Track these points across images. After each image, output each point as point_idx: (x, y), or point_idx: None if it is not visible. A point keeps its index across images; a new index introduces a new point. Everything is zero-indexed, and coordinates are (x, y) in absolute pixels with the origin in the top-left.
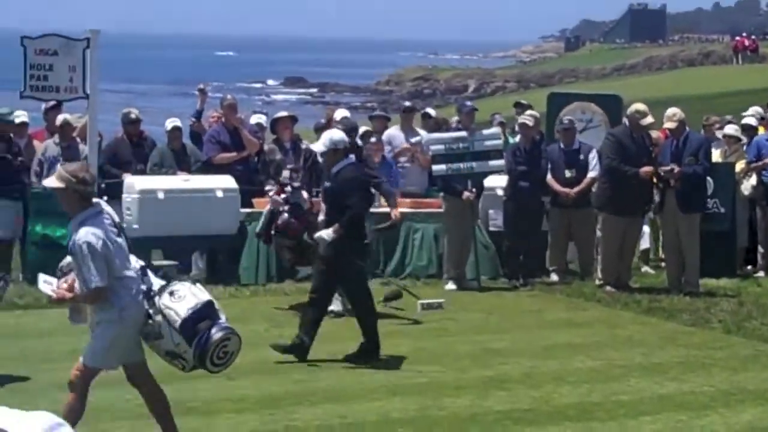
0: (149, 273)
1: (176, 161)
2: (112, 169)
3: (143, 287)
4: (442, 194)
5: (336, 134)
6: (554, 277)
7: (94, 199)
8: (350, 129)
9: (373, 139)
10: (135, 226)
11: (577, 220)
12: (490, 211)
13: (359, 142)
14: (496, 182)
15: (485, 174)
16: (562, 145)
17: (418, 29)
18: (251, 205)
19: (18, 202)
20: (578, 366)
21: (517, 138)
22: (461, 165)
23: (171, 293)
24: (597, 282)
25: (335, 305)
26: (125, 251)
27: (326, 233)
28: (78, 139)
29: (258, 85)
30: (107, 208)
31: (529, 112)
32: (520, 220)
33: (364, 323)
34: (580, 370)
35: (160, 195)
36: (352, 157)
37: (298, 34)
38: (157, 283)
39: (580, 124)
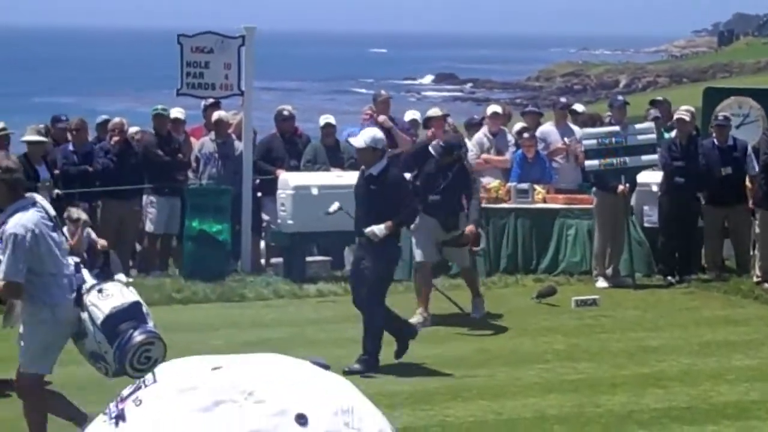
0: (83, 271)
1: (329, 157)
2: (266, 165)
3: (76, 285)
4: (593, 190)
5: (378, 133)
6: (710, 274)
7: (27, 193)
8: (455, 145)
9: (526, 135)
10: (289, 222)
11: (733, 216)
12: (645, 207)
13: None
14: (651, 178)
15: (638, 169)
16: (716, 142)
17: (568, 23)
18: None
19: (175, 198)
20: (736, 364)
21: (672, 133)
22: (614, 160)
23: (99, 291)
24: (755, 279)
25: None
26: (60, 247)
27: (378, 228)
28: (233, 136)
29: (409, 82)
30: (42, 201)
31: (685, 106)
32: (676, 217)
33: (368, 332)
34: (738, 368)
35: (314, 191)
36: (386, 159)
37: (449, 30)
38: (90, 281)
39: (737, 119)
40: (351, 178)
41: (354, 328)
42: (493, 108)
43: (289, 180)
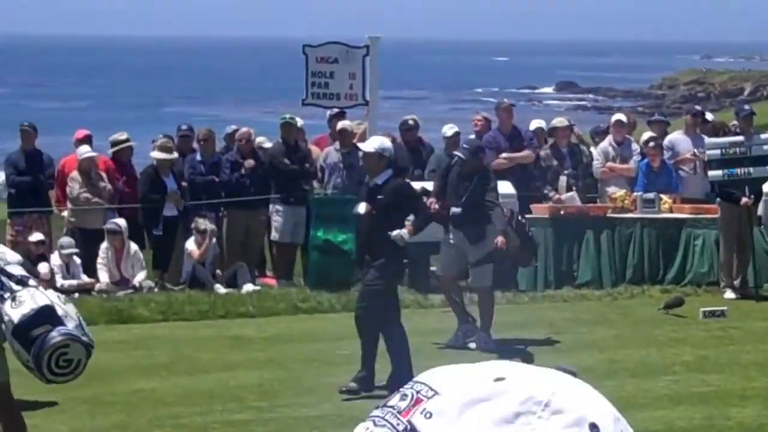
0: (4, 279)
1: None
2: None
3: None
4: (717, 200)
5: (387, 142)
6: None
7: None
8: (482, 148)
9: (652, 144)
10: None
11: None
12: None
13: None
14: None
15: (763, 180)
16: None
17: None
18: (529, 211)
19: (301, 207)
20: None
21: None
22: (738, 170)
23: (13, 299)
24: None
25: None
26: None
27: (403, 232)
28: (358, 146)
29: (529, 91)
30: None
31: None
32: None
33: (366, 350)
34: None
35: None
36: (391, 170)
37: (569, 38)
38: (9, 289)
39: None
40: None
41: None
42: (618, 116)
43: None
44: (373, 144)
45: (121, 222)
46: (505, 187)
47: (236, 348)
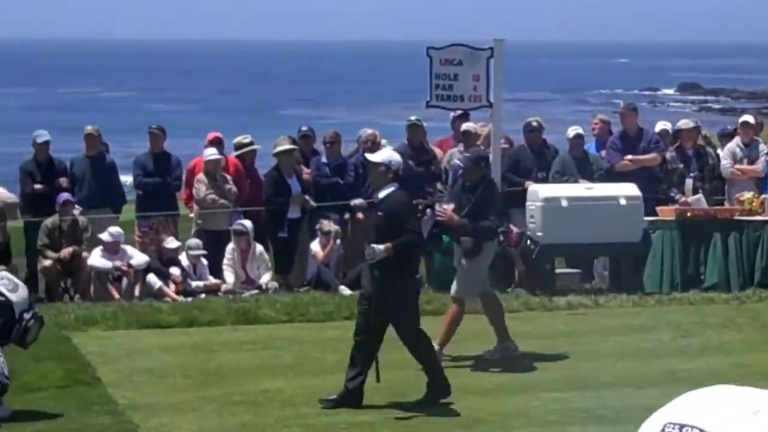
0: None
1: (578, 169)
2: (514, 177)
3: None
4: None
5: (396, 156)
6: None
7: None
8: (483, 158)
9: None
10: (539, 234)
11: None
12: None
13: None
14: None
15: None
16: None
17: None
18: (655, 213)
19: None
20: None
21: None
22: None
23: None
24: None
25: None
26: None
27: (377, 248)
28: (481, 148)
29: (651, 92)
30: None
31: None
32: None
33: (426, 365)
34: None
35: (564, 203)
36: (397, 184)
37: (685, 39)
38: None
39: None
40: (601, 190)
41: (606, 341)
42: (745, 118)
43: (539, 192)
44: (381, 155)
45: (247, 223)
46: (630, 190)
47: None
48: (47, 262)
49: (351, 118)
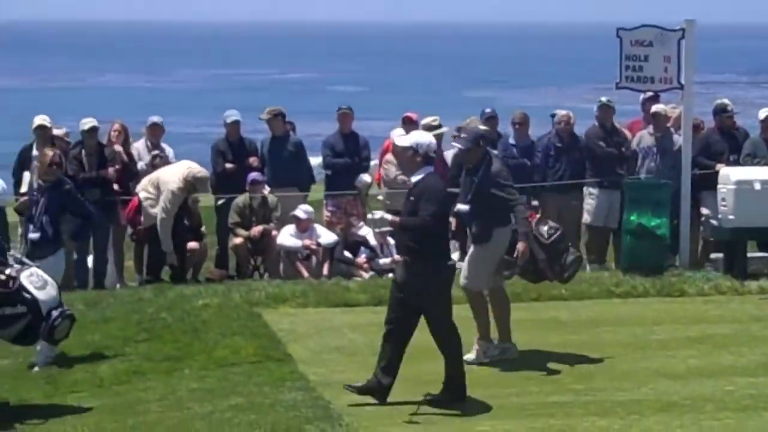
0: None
1: None
2: (704, 160)
3: None
4: None
5: (425, 138)
6: None
7: None
8: (481, 135)
9: None
10: (730, 217)
11: None
12: None
13: None
14: None
15: None
16: None
17: None
18: None
19: (615, 192)
20: None
21: None
22: None
23: None
24: None
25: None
26: None
27: (385, 215)
28: (672, 130)
29: None
30: None
31: None
32: None
33: (449, 361)
34: None
35: (757, 186)
36: (431, 168)
37: None
38: None
39: None
40: None
41: None
42: None
43: (730, 175)
44: (408, 139)
45: None
46: None
47: (551, 331)
48: (238, 240)
49: (536, 100)
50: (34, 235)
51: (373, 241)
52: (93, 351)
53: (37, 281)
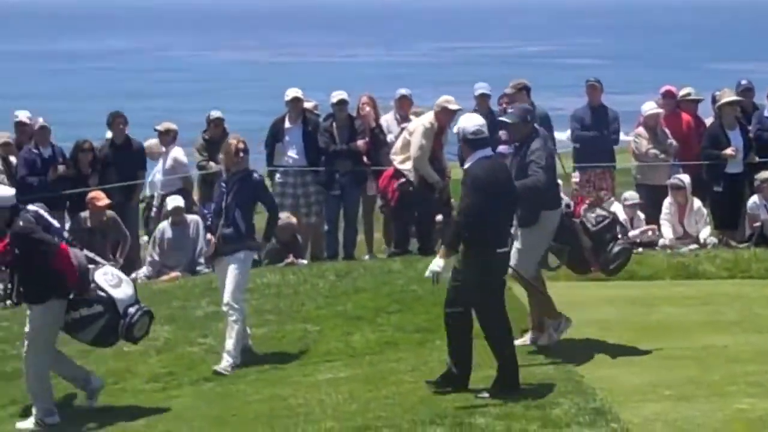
0: None
1: None
2: None
3: None
4: None
5: (469, 121)
6: None
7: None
8: (529, 109)
9: None
10: None
11: None
12: None
13: None
14: None
15: None
16: None
17: None
18: None
19: None
20: None
21: None
22: None
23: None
24: None
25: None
26: None
27: (435, 263)
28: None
29: None
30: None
31: None
32: None
33: (499, 352)
34: None
35: None
36: (488, 150)
37: None
38: None
39: None
40: None
41: None
42: None
43: None
44: (458, 126)
45: (685, 178)
46: None
47: None
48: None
49: None
50: (227, 231)
51: (623, 215)
52: (345, 320)
53: (111, 279)
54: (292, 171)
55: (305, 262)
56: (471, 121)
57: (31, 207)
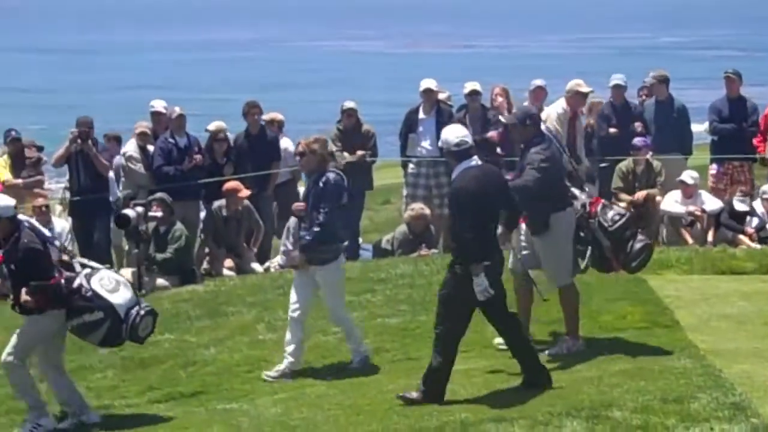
0: None
1: None
2: None
3: None
4: None
5: (453, 132)
6: None
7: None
8: (530, 113)
9: None
10: None
11: None
12: None
13: None
14: None
15: None
16: None
17: None
18: None
19: None
20: None
21: None
22: None
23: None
24: None
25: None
26: None
27: (477, 283)
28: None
29: None
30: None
31: None
32: None
33: (520, 355)
34: None
35: None
36: (475, 159)
37: None
38: None
39: None
40: None
41: None
42: None
43: None
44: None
45: None
46: None
47: None
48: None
49: None
50: (308, 237)
51: (760, 209)
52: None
53: (108, 284)
54: (425, 161)
55: (438, 252)
56: (453, 133)
57: (22, 217)
